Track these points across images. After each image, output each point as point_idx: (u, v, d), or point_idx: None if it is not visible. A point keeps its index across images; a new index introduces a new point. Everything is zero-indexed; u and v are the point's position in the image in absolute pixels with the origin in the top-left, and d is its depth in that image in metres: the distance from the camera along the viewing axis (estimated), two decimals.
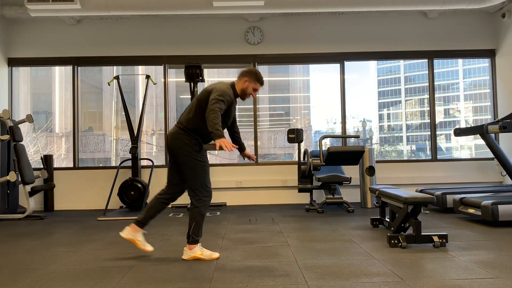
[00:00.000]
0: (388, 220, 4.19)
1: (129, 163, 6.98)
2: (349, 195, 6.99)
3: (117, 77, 6.66)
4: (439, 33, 7.16)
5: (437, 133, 7.22)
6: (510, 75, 6.85)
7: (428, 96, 7.22)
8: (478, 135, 6.06)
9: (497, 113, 7.17)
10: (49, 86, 7.44)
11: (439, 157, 7.15)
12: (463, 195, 5.04)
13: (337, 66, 7.22)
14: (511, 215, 4.32)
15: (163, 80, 7.11)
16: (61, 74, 7.44)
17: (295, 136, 6.13)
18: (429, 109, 7.20)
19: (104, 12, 6.17)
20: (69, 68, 7.19)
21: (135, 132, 6.64)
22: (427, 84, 7.23)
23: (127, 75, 7.57)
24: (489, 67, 7.29)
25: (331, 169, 6.57)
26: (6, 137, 5.80)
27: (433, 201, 3.44)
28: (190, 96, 6.24)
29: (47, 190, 6.68)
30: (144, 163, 7.03)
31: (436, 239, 3.48)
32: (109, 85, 6.95)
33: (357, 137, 5.87)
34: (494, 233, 4.06)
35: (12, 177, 5.67)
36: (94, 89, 7.35)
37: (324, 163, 5.78)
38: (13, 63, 7.04)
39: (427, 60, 7.22)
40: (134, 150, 6.49)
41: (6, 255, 3.55)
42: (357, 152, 5.61)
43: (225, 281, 2.65)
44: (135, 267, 3.06)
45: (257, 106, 7.11)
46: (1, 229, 4.97)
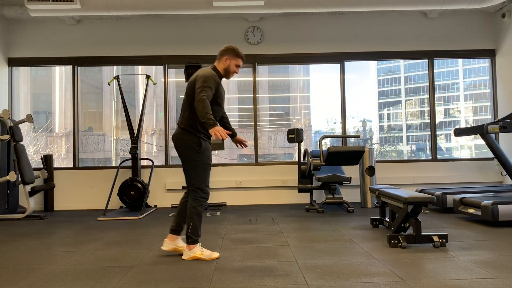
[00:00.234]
0: (388, 220, 4.19)
1: (129, 163, 6.98)
2: (349, 195, 6.99)
3: (117, 77, 6.66)
4: (439, 33, 7.16)
5: (437, 133, 7.22)
6: (510, 75, 6.85)
7: (428, 96, 7.22)
8: (478, 135, 6.06)
9: (497, 113, 7.17)
10: (49, 86, 7.44)
11: (439, 157, 7.15)
12: (463, 195, 5.04)
13: (337, 66, 7.22)
14: (511, 215, 4.32)
15: (163, 80, 7.11)
16: (61, 74, 7.44)
17: (295, 136, 6.13)
18: (429, 109, 7.20)
19: (104, 12, 6.17)
20: (69, 68, 7.19)
21: (135, 132, 6.64)
22: (427, 84, 7.23)
23: (127, 75, 7.57)
24: (489, 67, 7.29)
25: (331, 169, 6.57)
26: (6, 137, 5.80)
27: (433, 201, 3.44)
28: None
29: (47, 190, 6.68)
30: (144, 163, 7.03)
31: (436, 239, 3.48)
32: (109, 85, 6.95)
33: (357, 137, 5.87)
34: (494, 233, 4.06)
35: (12, 177, 5.67)
36: (94, 89, 7.35)
37: (324, 163, 5.78)
38: (13, 63, 7.04)
39: (427, 60, 7.22)
40: (134, 150, 6.49)
41: (6, 255, 3.55)
42: (357, 152, 5.61)
43: (225, 281, 2.65)
44: (135, 267, 3.06)
45: (257, 106, 7.11)
46: (1, 229, 4.97)
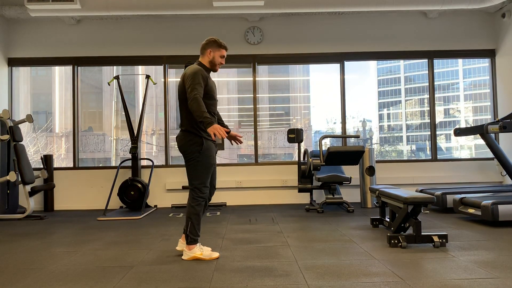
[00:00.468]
0: (388, 220, 4.19)
1: (129, 163, 6.99)
2: (349, 195, 6.99)
3: (117, 77, 6.66)
4: (439, 33, 7.16)
5: (437, 133, 7.22)
6: (510, 75, 6.85)
7: (428, 96, 7.22)
8: (478, 135, 6.06)
9: (497, 113, 7.17)
10: (49, 86, 7.44)
11: (439, 157, 7.15)
12: (463, 195, 5.04)
13: (337, 66, 7.22)
14: (511, 215, 4.32)
15: (163, 80, 7.11)
16: (61, 74, 7.44)
17: (295, 136, 6.13)
18: (429, 109, 7.20)
19: (104, 12, 6.17)
20: (69, 68, 7.19)
21: (135, 132, 6.64)
22: (427, 84, 7.23)
23: (127, 75, 7.57)
24: (489, 67, 7.29)
25: (331, 169, 6.57)
26: (6, 137, 5.80)
27: (433, 201, 3.44)
28: None
29: (47, 190, 6.68)
30: (144, 163, 7.03)
31: (436, 239, 3.48)
32: (109, 85, 6.95)
33: (357, 137, 5.87)
34: (494, 233, 4.06)
35: (12, 177, 5.67)
36: (94, 89, 7.35)
37: (324, 163, 5.78)
38: (13, 63, 7.04)
39: (427, 60, 7.22)
40: (134, 150, 6.49)
41: (6, 255, 3.55)
42: (357, 152, 5.61)
43: (225, 281, 2.65)
44: (135, 267, 3.06)
45: (257, 106, 7.11)
46: (1, 229, 4.97)
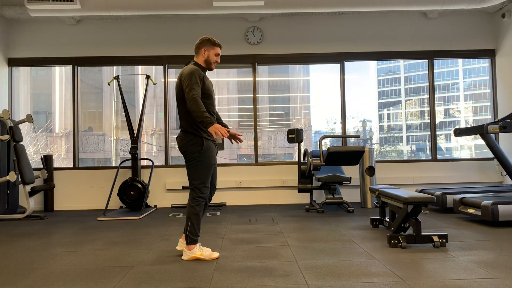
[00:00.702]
0: (388, 220, 4.19)
1: (129, 163, 6.98)
2: (349, 195, 6.99)
3: (117, 77, 6.66)
4: (439, 33, 7.16)
5: (437, 133, 7.22)
6: (510, 75, 6.85)
7: (428, 96, 7.22)
8: (478, 135, 6.06)
9: (497, 113, 7.17)
10: (49, 86, 7.44)
11: (439, 157, 7.15)
12: (463, 195, 5.04)
13: (337, 66, 7.22)
14: (511, 215, 4.32)
15: (163, 80, 7.11)
16: (61, 74, 7.43)
17: (295, 136, 6.13)
18: (429, 109, 7.20)
19: (104, 12, 6.17)
20: (69, 68, 7.19)
21: (135, 132, 6.64)
22: (427, 84, 7.23)
23: (127, 75, 7.57)
24: (489, 67, 7.29)
25: (331, 169, 6.57)
26: (6, 137, 5.80)
27: (433, 201, 3.44)
28: None
29: (47, 190, 6.68)
30: (144, 163, 7.03)
31: (436, 239, 3.48)
32: (109, 85, 6.95)
33: (357, 137, 5.87)
34: (494, 233, 4.06)
35: (12, 177, 5.67)
36: (94, 89, 7.35)
37: (324, 163, 5.78)
38: (13, 63, 7.04)
39: (427, 60, 7.22)
40: (134, 150, 6.49)
41: (6, 255, 3.55)
42: (357, 152, 5.61)
43: (225, 281, 2.65)
44: (135, 267, 3.06)
45: (257, 106, 7.11)
46: (1, 229, 4.97)
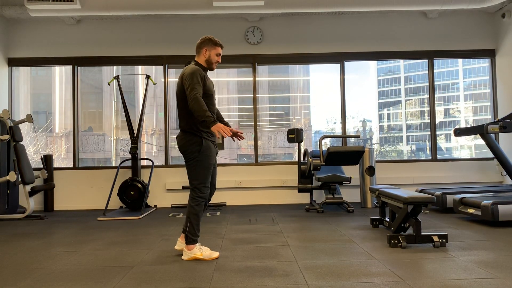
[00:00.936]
0: (388, 220, 4.19)
1: (129, 163, 6.98)
2: (349, 195, 6.99)
3: (117, 77, 6.66)
4: (439, 33, 7.16)
5: (437, 133, 7.22)
6: (510, 75, 6.85)
7: (428, 96, 7.22)
8: (478, 135, 6.06)
9: (497, 113, 7.17)
10: (49, 86, 7.44)
11: (439, 157, 7.15)
12: (463, 195, 5.04)
13: (337, 66, 7.22)
14: (511, 215, 4.32)
15: (163, 80, 7.11)
16: (61, 74, 7.44)
17: (295, 136, 6.13)
18: (429, 109, 7.20)
19: (104, 12, 6.17)
20: (69, 68, 7.19)
21: (135, 132, 6.64)
22: (427, 84, 7.23)
23: (127, 75, 7.57)
24: (489, 67, 7.29)
25: (331, 169, 6.57)
26: (6, 137, 5.80)
27: (433, 201, 3.44)
28: None
29: (47, 190, 6.68)
30: (144, 163, 7.03)
31: (436, 239, 3.48)
32: (109, 85, 6.95)
33: (357, 137, 5.87)
34: (494, 233, 4.06)
35: (12, 177, 5.67)
36: (94, 89, 7.35)
37: (324, 163, 5.78)
38: (13, 63, 7.04)
39: (427, 60, 7.22)
40: (134, 150, 6.49)
41: (6, 255, 3.55)
42: (357, 152, 5.61)
43: (225, 281, 2.65)
44: (135, 267, 3.06)
45: (257, 106, 7.11)
46: (1, 229, 4.97)
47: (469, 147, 7.91)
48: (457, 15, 7.18)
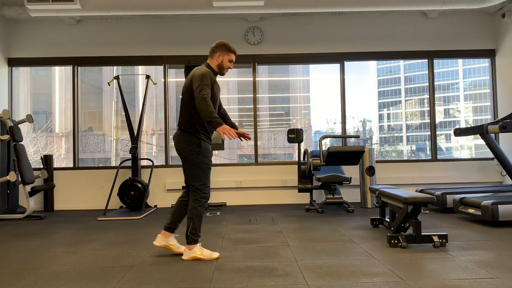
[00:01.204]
0: (388, 220, 4.19)
1: (129, 163, 6.98)
2: (349, 195, 6.99)
3: (117, 77, 6.66)
4: (439, 33, 7.16)
5: (437, 133, 7.22)
6: (510, 75, 6.85)
7: (428, 96, 7.22)
8: (478, 135, 6.06)
9: (497, 113, 7.17)
10: (49, 86, 7.44)
11: (439, 157, 7.15)
12: (463, 195, 5.04)
13: (337, 66, 7.22)
14: (511, 215, 4.32)
15: (163, 80, 7.11)
16: (61, 74, 7.44)
17: (295, 136, 6.13)
18: (429, 109, 7.20)
19: (104, 12, 6.17)
20: (69, 68, 7.19)
21: (135, 132, 6.64)
22: (427, 84, 7.23)
23: (127, 75, 7.57)
24: (489, 67, 7.29)
25: (331, 169, 6.57)
26: (6, 137, 5.80)
27: (433, 201, 3.44)
28: None
29: (47, 190, 6.68)
30: (144, 163, 7.03)
31: (436, 239, 3.48)
32: (109, 85, 6.95)
33: (357, 137, 5.87)
34: (494, 233, 4.06)
35: (12, 177, 5.67)
36: (94, 89, 7.35)
37: (324, 163, 5.78)
38: (13, 63, 7.04)
39: (427, 60, 7.22)
40: (134, 150, 6.49)
41: (6, 255, 3.55)
42: (357, 152, 5.61)
43: (225, 281, 2.65)
44: (135, 267, 3.06)
45: (257, 106, 7.12)
46: (1, 229, 4.97)
47: (469, 147, 7.92)
48: (457, 15, 7.18)
